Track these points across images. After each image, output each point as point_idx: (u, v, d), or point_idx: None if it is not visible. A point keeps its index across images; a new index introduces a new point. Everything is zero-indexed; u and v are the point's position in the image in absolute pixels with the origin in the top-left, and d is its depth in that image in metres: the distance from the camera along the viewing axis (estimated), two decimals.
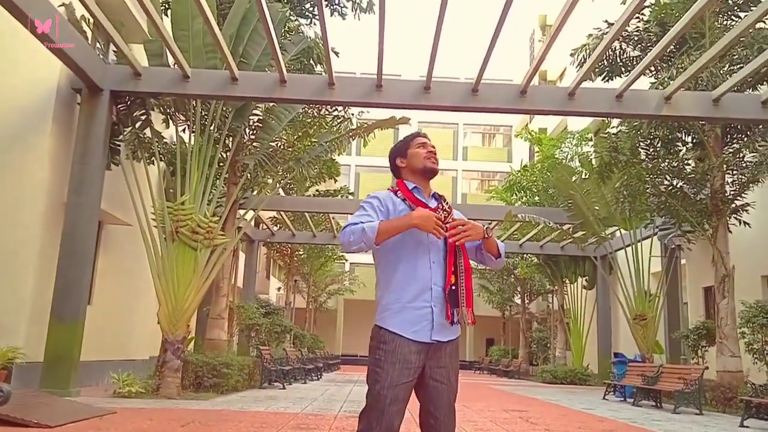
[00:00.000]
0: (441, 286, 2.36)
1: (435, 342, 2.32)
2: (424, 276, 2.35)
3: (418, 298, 2.33)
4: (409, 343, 2.29)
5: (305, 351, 20.57)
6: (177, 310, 9.69)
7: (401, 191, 2.50)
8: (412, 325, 2.31)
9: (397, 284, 2.36)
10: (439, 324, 2.33)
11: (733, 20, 12.12)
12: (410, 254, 2.37)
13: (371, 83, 9.37)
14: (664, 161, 12.62)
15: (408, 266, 2.36)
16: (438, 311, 2.33)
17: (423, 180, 2.53)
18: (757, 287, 13.15)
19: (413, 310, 2.32)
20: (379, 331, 2.36)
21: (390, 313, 2.35)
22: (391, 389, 2.25)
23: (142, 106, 10.40)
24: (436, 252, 2.40)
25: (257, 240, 20.52)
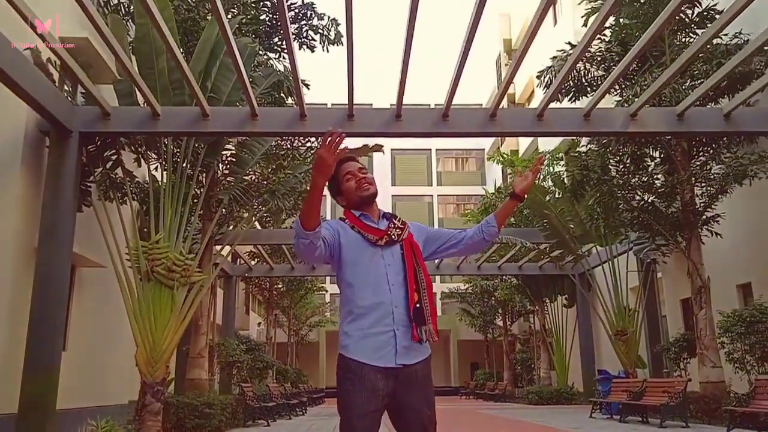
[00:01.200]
0: (403, 307, 2.32)
1: (402, 366, 2.28)
2: (384, 300, 2.32)
3: (380, 323, 2.30)
4: (374, 369, 2.25)
5: (288, 386, 20.26)
6: (155, 352, 9.48)
7: (349, 221, 2.49)
8: (375, 352, 2.27)
9: (357, 311, 2.33)
10: (403, 347, 2.29)
11: (691, 37, 12.51)
12: (368, 280, 2.34)
13: (342, 113, 9.41)
14: (635, 177, 12.85)
15: (366, 292, 2.34)
16: (401, 334, 2.29)
17: (367, 206, 2.52)
18: (733, 297, 13.34)
19: (375, 336, 2.29)
20: (344, 360, 2.32)
21: (352, 341, 2.31)
22: (360, 419, 2.22)
23: (113, 146, 10.29)
24: (394, 273, 2.37)
25: (235, 275, 20.30)
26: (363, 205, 2.50)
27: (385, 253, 2.40)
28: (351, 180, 2.51)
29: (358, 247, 2.38)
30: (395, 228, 2.46)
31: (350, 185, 2.51)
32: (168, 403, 9.87)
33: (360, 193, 2.49)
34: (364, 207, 2.51)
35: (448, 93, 8.93)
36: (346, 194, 2.53)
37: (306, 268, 21.19)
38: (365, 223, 2.46)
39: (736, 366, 10.27)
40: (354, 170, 2.53)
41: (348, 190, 2.52)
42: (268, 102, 11.77)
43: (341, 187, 2.54)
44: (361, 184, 2.50)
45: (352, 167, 2.54)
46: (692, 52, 8.52)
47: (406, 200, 41.89)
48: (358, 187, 2.49)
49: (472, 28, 7.37)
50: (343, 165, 2.55)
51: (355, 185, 2.50)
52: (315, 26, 13.28)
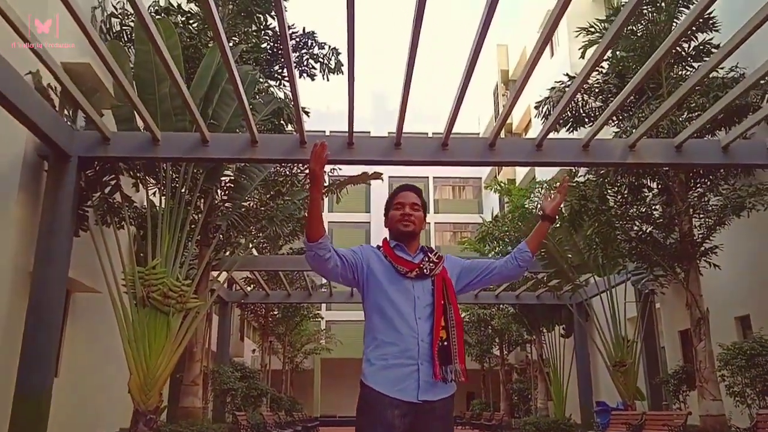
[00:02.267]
0: (428, 341, 2.29)
1: (423, 402, 2.23)
2: (411, 332, 2.29)
3: (403, 355, 2.26)
4: (393, 403, 2.20)
5: (282, 414, 19.98)
6: (149, 379, 9.37)
7: (384, 250, 2.52)
8: (396, 384, 2.24)
9: (382, 339, 2.30)
10: (426, 383, 2.25)
11: (687, 70, 12.63)
12: (395, 308, 2.32)
13: (342, 141, 9.44)
14: (633, 207, 12.87)
15: (393, 321, 2.31)
16: (425, 369, 2.26)
17: (405, 239, 2.53)
18: (732, 329, 13.28)
19: (398, 368, 2.26)
20: (364, 389, 2.29)
21: (374, 369, 2.28)
22: None
23: (111, 171, 10.30)
24: (422, 307, 2.36)
25: (230, 301, 20.15)
26: (400, 237, 2.54)
27: (415, 285, 2.41)
28: (399, 210, 2.58)
29: (388, 277, 2.38)
30: (429, 262, 2.47)
31: (395, 214, 2.57)
32: (159, 431, 9.71)
33: (399, 226, 2.56)
34: (402, 239, 2.54)
35: (448, 123, 8.97)
36: (390, 220, 2.59)
37: (303, 295, 21.07)
38: (397, 255, 2.48)
39: (736, 399, 10.17)
40: (406, 202, 2.58)
41: (392, 218, 2.59)
42: (267, 129, 11.83)
43: (389, 214, 2.60)
44: (404, 218, 2.56)
45: (406, 199, 2.59)
46: (690, 85, 8.60)
47: None
48: (400, 220, 2.56)
49: (472, 60, 7.43)
50: (402, 193, 2.61)
51: (399, 217, 2.56)
52: (315, 55, 13.41)
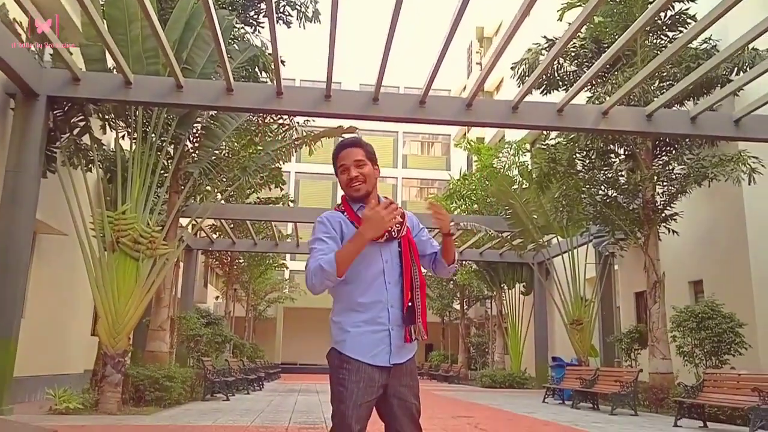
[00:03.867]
0: (398, 307, 2.32)
1: (393, 365, 2.31)
2: (381, 298, 2.30)
3: (375, 321, 2.29)
4: (370, 366, 2.28)
5: (245, 361, 20.23)
6: (118, 323, 9.38)
7: (348, 215, 2.40)
8: (370, 350, 2.28)
9: (355, 306, 2.31)
10: (397, 347, 2.31)
11: (662, 39, 12.78)
12: (366, 275, 2.30)
13: (320, 93, 9.37)
14: (600, 172, 13.16)
15: (364, 288, 2.30)
16: (395, 333, 2.30)
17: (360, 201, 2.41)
18: (685, 292, 13.87)
19: (370, 335, 2.28)
20: (338, 356, 2.31)
21: (349, 336, 2.30)
22: (356, 409, 2.23)
23: (80, 111, 10.04)
24: (390, 271, 2.33)
25: (196, 248, 20.07)
26: (354, 201, 2.42)
27: (383, 249, 2.34)
28: (344, 174, 2.40)
29: None
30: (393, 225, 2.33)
31: (342, 179, 2.41)
32: (127, 374, 9.79)
33: (350, 192, 2.40)
34: (357, 202, 2.41)
35: (427, 80, 8.97)
36: (341, 184, 2.44)
37: (269, 245, 21.08)
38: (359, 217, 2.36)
39: (685, 359, 10.72)
40: (348, 163, 2.39)
41: (341, 182, 2.43)
42: (242, 77, 11.62)
43: (338, 176, 2.45)
44: (350, 183, 2.38)
45: (347, 159, 2.40)
46: (665, 56, 8.76)
47: None
48: (348, 185, 2.39)
49: (456, 18, 7.41)
50: (341, 153, 2.43)
51: (346, 182, 2.39)
52: (293, 2, 13.09)
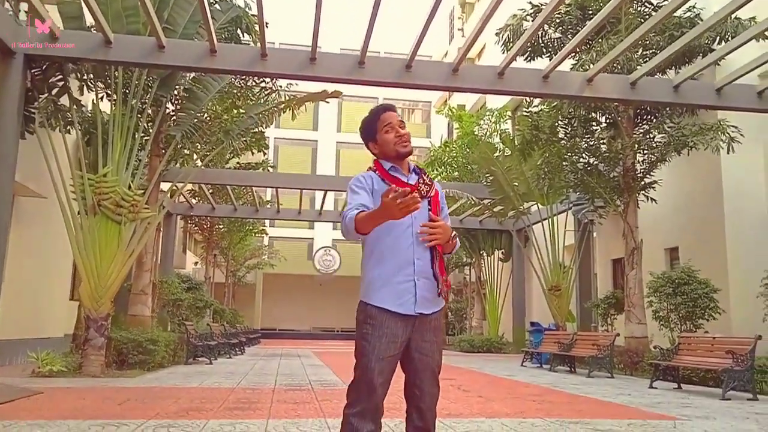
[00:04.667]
0: (424, 260, 2.40)
1: (419, 315, 2.38)
2: (407, 250, 2.38)
3: (401, 272, 2.37)
4: (395, 316, 2.35)
5: (226, 325, 20.30)
6: (100, 286, 9.34)
7: (379, 173, 2.50)
8: (397, 298, 2.36)
9: (380, 260, 2.40)
10: (422, 297, 2.39)
11: (646, 6, 12.79)
12: (393, 229, 2.37)
13: (305, 56, 9.22)
14: (582, 140, 13.25)
15: (390, 241, 2.38)
16: (421, 285, 2.38)
17: (398, 161, 2.53)
18: (661, 259, 14.17)
19: (397, 285, 2.37)
20: (366, 307, 2.41)
21: (374, 288, 2.39)
22: (378, 362, 2.32)
23: (59, 71, 9.79)
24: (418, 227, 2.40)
25: (175, 214, 19.89)
26: (396, 159, 2.52)
27: None
28: (390, 133, 2.51)
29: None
30: (424, 184, 2.49)
31: (389, 137, 2.50)
32: (110, 338, 9.78)
33: (398, 148, 2.49)
34: (397, 161, 2.52)
35: (413, 45, 8.88)
36: (382, 145, 2.52)
37: (249, 211, 20.99)
38: (395, 176, 2.48)
39: (661, 323, 11.01)
40: (394, 123, 2.52)
41: (385, 142, 2.51)
42: (223, 38, 11.40)
43: (377, 136, 2.54)
44: (401, 139, 2.49)
45: (392, 119, 2.53)
46: (650, 25, 8.78)
47: (351, 147, 41.65)
48: (398, 142, 2.50)
49: None
50: (384, 114, 2.54)
51: (395, 139, 2.50)
52: None
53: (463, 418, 5.59)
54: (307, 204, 24.87)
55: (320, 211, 21.32)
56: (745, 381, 7.71)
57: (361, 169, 2.68)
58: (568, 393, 8.10)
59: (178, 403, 6.16)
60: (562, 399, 7.43)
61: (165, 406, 5.91)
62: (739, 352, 7.79)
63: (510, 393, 7.97)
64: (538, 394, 7.87)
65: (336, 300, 39.20)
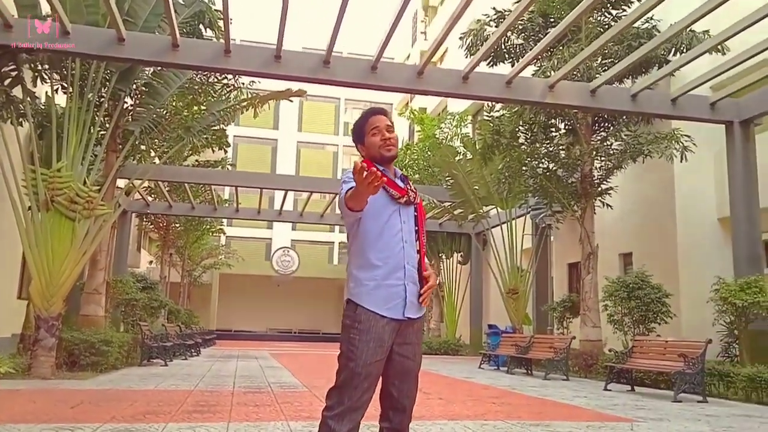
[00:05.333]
0: (413, 265, 2.45)
1: (407, 319, 2.41)
2: (398, 255, 2.42)
3: (392, 276, 2.40)
4: (383, 320, 2.36)
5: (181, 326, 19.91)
6: (52, 285, 9.04)
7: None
8: (386, 302, 2.38)
9: (372, 262, 2.41)
10: (411, 302, 2.42)
11: (605, 16, 13.09)
12: (384, 233, 2.42)
13: (270, 53, 9.12)
14: (542, 146, 13.47)
15: (382, 245, 2.42)
16: (410, 290, 2.42)
17: (384, 164, 2.56)
18: (616, 264, 14.51)
19: (387, 288, 2.39)
20: (355, 309, 2.40)
21: (365, 290, 2.40)
22: (365, 367, 2.32)
23: (12, 61, 9.44)
24: (407, 232, 2.48)
25: (131, 211, 19.40)
26: (382, 162, 2.53)
27: (401, 210, 2.49)
28: (377, 135, 2.54)
29: (380, 201, 2.42)
30: (411, 191, 2.55)
31: (375, 140, 2.54)
32: (61, 338, 9.46)
33: (382, 151, 2.52)
34: (383, 163, 2.54)
35: (380, 46, 8.90)
36: (369, 147, 2.55)
37: (207, 209, 20.63)
38: (390, 179, 2.50)
39: (615, 327, 11.26)
40: (381, 126, 2.55)
41: (371, 144, 2.55)
42: (185, 32, 11.17)
43: (365, 138, 2.57)
44: (386, 143, 2.53)
45: (380, 122, 2.56)
46: (610, 35, 9.03)
47: (311, 147, 41.46)
48: (382, 145, 2.53)
49: None
50: (372, 118, 2.58)
51: (380, 142, 2.53)
52: None
53: (425, 420, 5.60)
54: (266, 203, 24.59)
55: (280, 210, 21.12)
56: (696, 384, 7.94)
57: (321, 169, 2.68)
58: (527, 395, 8.21)
59: (134, 406, 6.00)
60: (521, 401, 7.52)
61: (120, 409, 5.74)
62: (691, 356, 8.02)
63: (470, 395, 8.03)
64: (498, 397, 7.95)
65: (293, 301, 38.89)
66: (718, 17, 8.75)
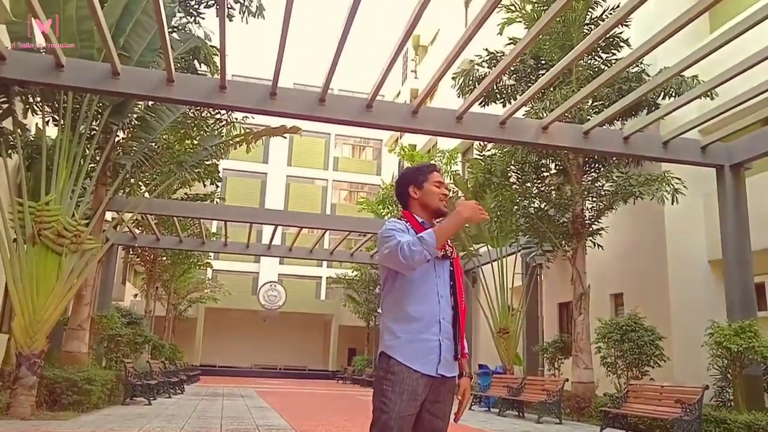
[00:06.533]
0: (448, 320, 2.43)
1: (440, 376, 2.37)
2: (434, 309, 2.40)
3: (428, 330, 2.38)
4: (416, 374, 2.32)
5: (165, 362, 19.50)
6: (35, 321, 8.81)
7: (412, 226, 2.53)
8: (422, 357, 2.35)
9: (408, 315, 2.40)
10: (445, 359, 2.39)
11: (596, 59, 13.32)
12: (420, 288, 2.42)
13: (265, 90, 9.11)
14: (533, 185, 13.52)
15: (419, 298, 2.41)
16: (445, 346, 2.40)
17: (431, 217, 2.60)
18: (607, 304, 14.46)
19: (423, 343, 2.37)
20: (388, 361, 2.36)
21: (399, 342, 2.37)
22: (398, 420, 2.28)
23: (4, 93, 9.37)
24: (443, 287, 2.47)
25: (117, 244, 19.13)
26: (430, 215, 2.60)
27: (437, 265, 2.49)
28: (439, 188, 2.63)
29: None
30: (448, 245, 2.56)
31: (437, 191, 2.62)
32: (42, 376, 9.19)
33: (440, 205, 2.60)
34: (428, 218, 2.60)
35: (375, 85, 8.92)
36: (427, 194, 2.62)
37: (195, 243, 20.41)
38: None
39: (608, 369, 11.14)
40: (443, 183, 2.67)
41: (431, 193, 2.61)
42: (180, 68, 11.19)
43: (425, 184, 2.63)
44: (444, 198, 2.63)
45: (442, 180, 2.70)
46: (602, 80, 9.16)
47: (301, 182, 41.46)
48: (442, 199, 2.62)
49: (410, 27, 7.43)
50: (436, 173, 2.70)
51: (441, 195, 2.62)
52: None
53: None
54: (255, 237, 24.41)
55: (269, 245, 20.95)
56: (694, 431, 7.82)
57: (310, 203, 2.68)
58: None
59: None
60: None
61: None
62: (687, 402, 7.92)
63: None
64: None
65: (279, 337, 38.39)
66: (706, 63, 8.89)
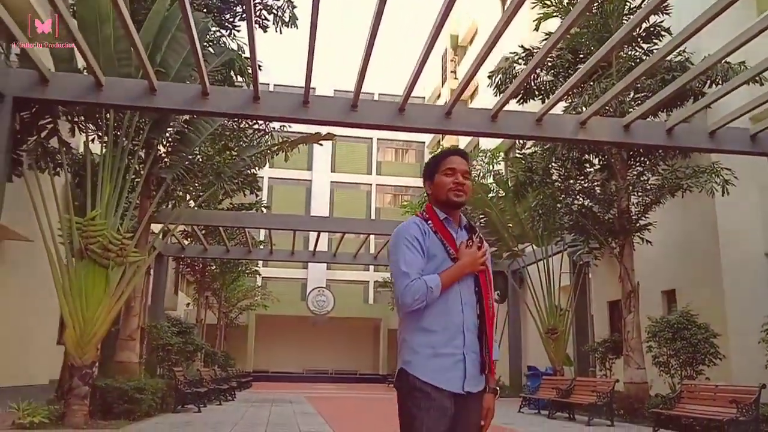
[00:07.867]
0: (473, 331, 2.20)
1: (466, 393, 2.17)
2: (456, 320, 2.18)
3: (450, 344, 2.17)
4: (439, 391, 2.14)
5: (217, 369, 19.87)
6: (86, 333, 9.08)
7: (433, 223, 2.29)
8: (443, 373, 2.15)
9: (428, 326, 2.17)
10: (471, 374, 2.18)
11: (636, 50, 12.92)
12: (443, 294, 2.18)
13: (298, 99, 9.18)
14: (576, 182, 13.21)
15: (440, 307, 2.18)
16: (470, 360, 2.18)
17: (449, 209, 2.34)
18: (658, 302, 13.98)
19: (445, 358, 2.16)
20: (408, 378, 2.17)
21: (419, 358, 2.16)
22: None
23: (48, 113, 9.72)
24: (468, 293, 2.23)
25: (167, 255, 19.64)
26: (447, 207, 2.33)
27: None
28: (450, 176, 2.32)
29: (438, 259, 2.22)
30: (476, 244, 2.30)
31: (446, 181, 2.32)
32: (95, 386, 9.47)
33: (450, 195, 2.31)
34: (448, 210, 2.34)
35: (406, 88, 8.86)
36: (437, 186, 2.34)
37: (242, 252, 20.77)
38: (449, 232, 2.29)
39: (661, 369, 10.76)
40: (458, 169, 2.34)
41: (441, 184, 2.33)
42: (216, 80, 11.40)
43: (435, 176, 2.36)
44: (457, 187, 2.31)
45: (457, 164, 2.34)
46: (642, 70, 8.82)
47: (344, 188, 41.73)
48: (453, 189, 2.31)
49: (438, 26, 7.35)
50: (451, 157, 2.37)
51: (452, 185, 2.31)
52: (269, 6, 12.92)
53: None
54: (301, 244, 24.67)
55: (314, 251, 21.12)
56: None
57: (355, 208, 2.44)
58: None
59: None
60: None
61: None
62: (743, 402, 7.57)
63: None
64: None
65: (329, 342, 38.67)
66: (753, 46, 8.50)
